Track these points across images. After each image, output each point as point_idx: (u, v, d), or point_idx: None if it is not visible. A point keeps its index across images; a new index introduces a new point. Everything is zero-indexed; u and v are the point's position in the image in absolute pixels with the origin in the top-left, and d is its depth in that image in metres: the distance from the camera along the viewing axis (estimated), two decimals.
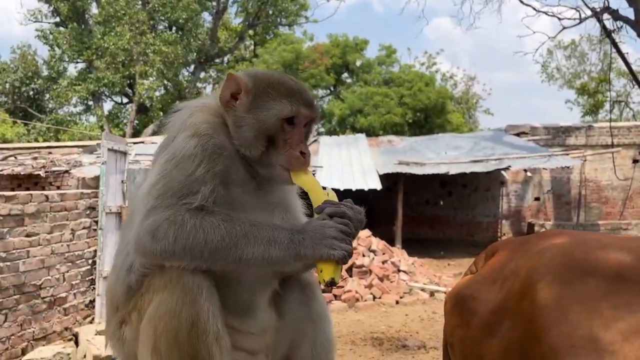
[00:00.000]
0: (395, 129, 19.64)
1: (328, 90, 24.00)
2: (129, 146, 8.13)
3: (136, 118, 22.20)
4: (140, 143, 12.36)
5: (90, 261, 6.30)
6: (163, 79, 21.62)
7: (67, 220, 5.94)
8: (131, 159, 8.21)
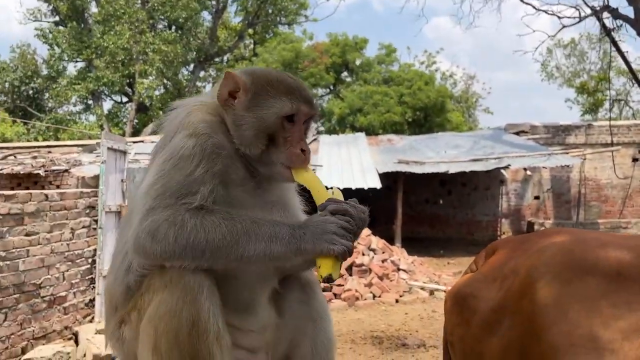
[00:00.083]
0: (394, 128, 19.63)
1: (328, 89, 23.99)
2: (129, 145, 8.12)
3: (136, 117, 22.17)
4: (139, 142, 12.35)
5: (90, 260, 6.30)
6: (163, 78, 21.61)
7: (67, 219, 5.93)
8: (131, 158, 8.20)
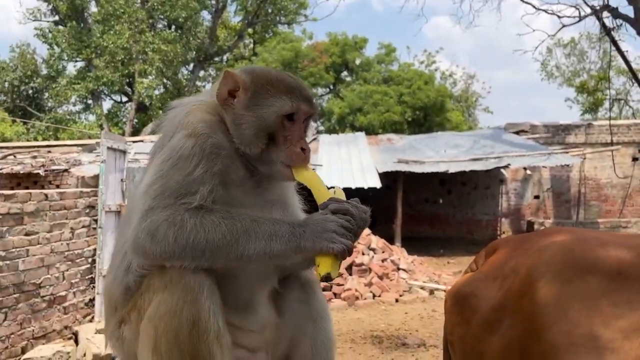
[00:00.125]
0: (394, 128, 19.63)
1: (327, 88, 23.98)
2: (129, 145, 8.12)
3: (135, 117, 22.16)
4: (139, 142, 12.35)
5: (89, 260, 6.30)
6: (162, 78, 21.59)
7: (67, 219, 5.93)
8: (130, 158, 8.21)
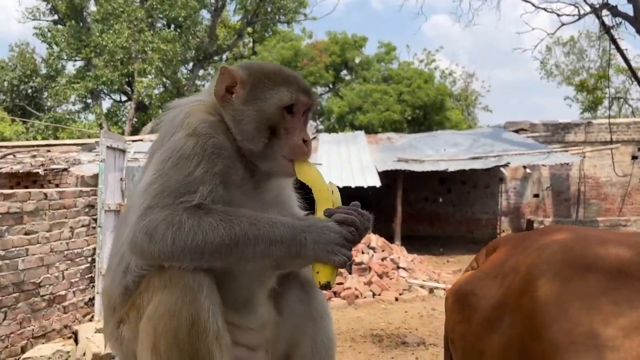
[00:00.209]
0: (394, 126, 19.61)
1: (327, 87, 23.96)
2: (128, 144, 8.12)
3: (135, 116, 22.15)
4: (139, 141, 12.34)
5: (89, 259, 6.29)
6: (162, 77, 21.56)
7: (66, 218, 5.92)
8: (130, 157, 8.21)
